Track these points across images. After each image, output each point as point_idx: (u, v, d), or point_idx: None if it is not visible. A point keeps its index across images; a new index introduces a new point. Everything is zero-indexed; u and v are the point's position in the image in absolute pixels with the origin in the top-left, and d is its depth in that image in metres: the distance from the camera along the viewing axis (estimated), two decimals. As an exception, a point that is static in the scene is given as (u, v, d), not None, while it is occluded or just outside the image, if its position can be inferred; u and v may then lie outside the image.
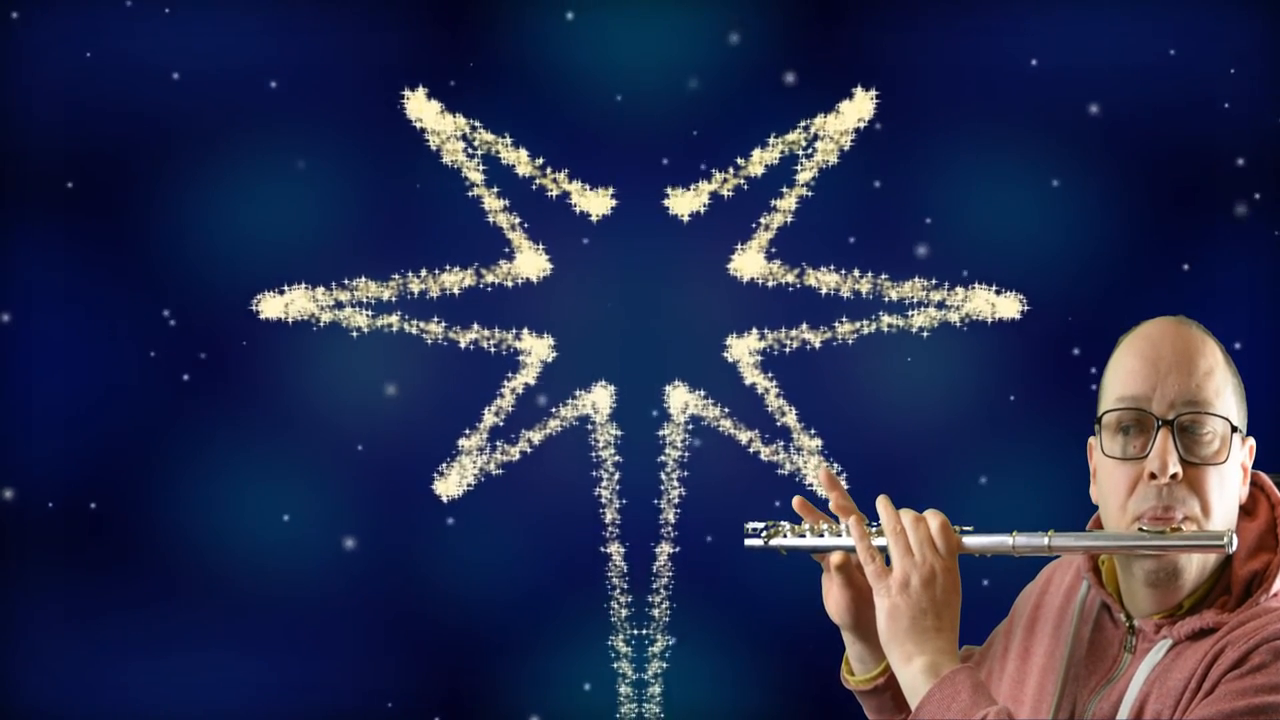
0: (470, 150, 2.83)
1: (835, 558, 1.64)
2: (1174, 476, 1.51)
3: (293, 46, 2.91)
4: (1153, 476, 1.51)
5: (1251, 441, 1.58)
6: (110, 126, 2.96)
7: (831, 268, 2.83)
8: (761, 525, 1.67)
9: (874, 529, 1.58)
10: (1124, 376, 1.55)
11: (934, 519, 1.55)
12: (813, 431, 2.85)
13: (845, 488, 1.66)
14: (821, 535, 1.63)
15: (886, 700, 1.67)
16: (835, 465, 2.88)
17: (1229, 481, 1.53)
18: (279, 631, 2.98)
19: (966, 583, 1.52)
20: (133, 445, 3.00)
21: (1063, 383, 2.85)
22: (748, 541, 1.69)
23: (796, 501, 1.66)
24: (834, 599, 1.65)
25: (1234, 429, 1.54)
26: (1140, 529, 1.51)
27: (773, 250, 2.83)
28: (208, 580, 2.99)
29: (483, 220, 2.82)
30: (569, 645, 2.91)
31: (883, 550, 1.56)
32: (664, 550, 2.85)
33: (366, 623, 2.97)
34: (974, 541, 1.55)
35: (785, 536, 1.65)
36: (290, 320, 2.85)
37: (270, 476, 2.98)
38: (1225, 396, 1.53)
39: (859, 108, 2.77)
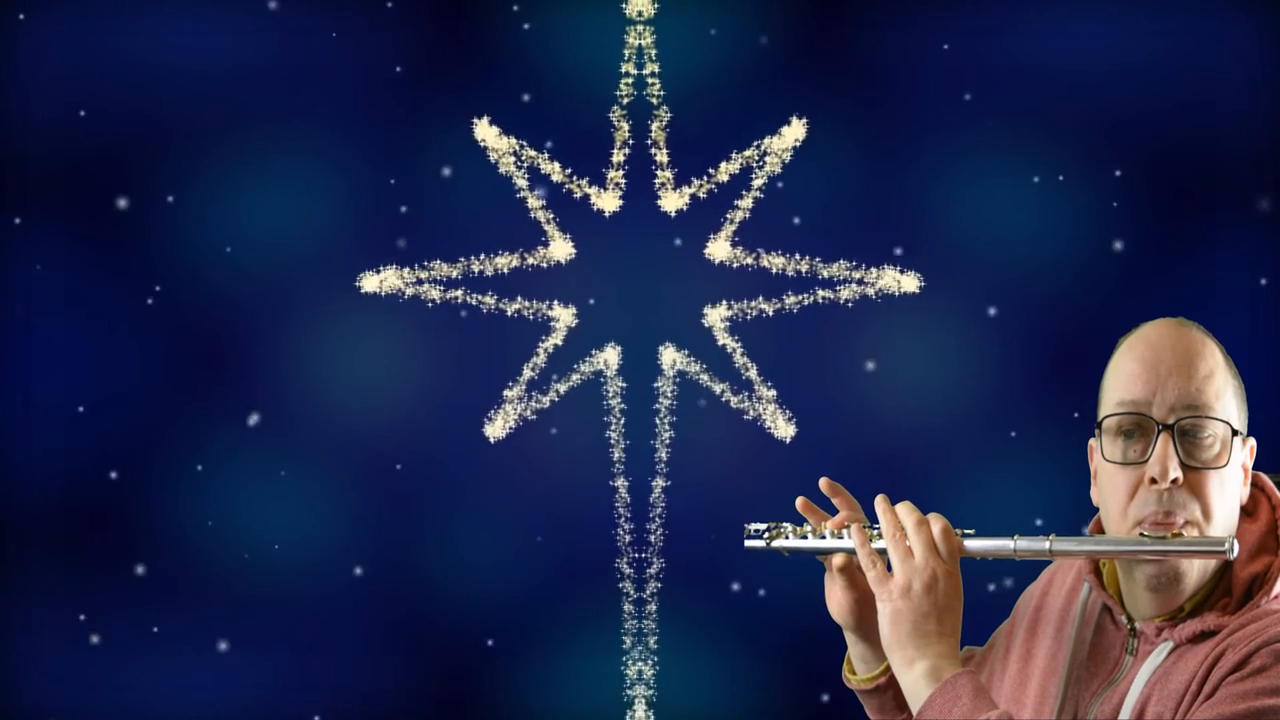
0: (519, 163, 3.01)
1: (837, 560, 1.53)
2: (1175, 481, 1.40)
3: (376, 74, 2.97)
4: (1153, 481, 1.40)
5: (1252, 442, 1.47)
6: (116, 126, 2.93)
7: (779, 252, 3.00)
8: (763, 526, 1.56)
9: (875, 531, 1.48)
10: (1124, 380, 1.44)
11: (935, 523, 1.43)
12: (769, 384, 3.01)
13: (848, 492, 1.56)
14: (823, 537, 1.52)
15: (888, 700, 1.58)
16: (787, 411, 2.98)
17: (1230, 485, 1.43)
18: (279, 631, 2.94)
19: (967, 585, 1.43)
20: (133, 445, 2.95)
21: (949, 344, 2.98)
22: (748, 543, 1.57)
23: (800, 502, 1.56)
24: (836, 600, 1.55)
25: (1235, 432, 1.43)
26: (1141, 534, 1.41)
27: (736, 239, 3.01)
28: (208, 580, 2.94)
29: (526, 216, 3.01)
30: (582, 569, 3.01)
31: (884, 554, 1.45)
32: (658, 485, 3.01)
33: (367, 622, 2.96)
34: (975, 545, 1.44)
35: (787, 538, 1.54)
36: (383, 293, 3.00)
37: (271, 473, 2.97)
38: (1226, 399, 1.43)
39: (794, 131, 2.98)
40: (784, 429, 3.02)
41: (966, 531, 1.45)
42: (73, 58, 2.94)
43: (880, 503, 1.47)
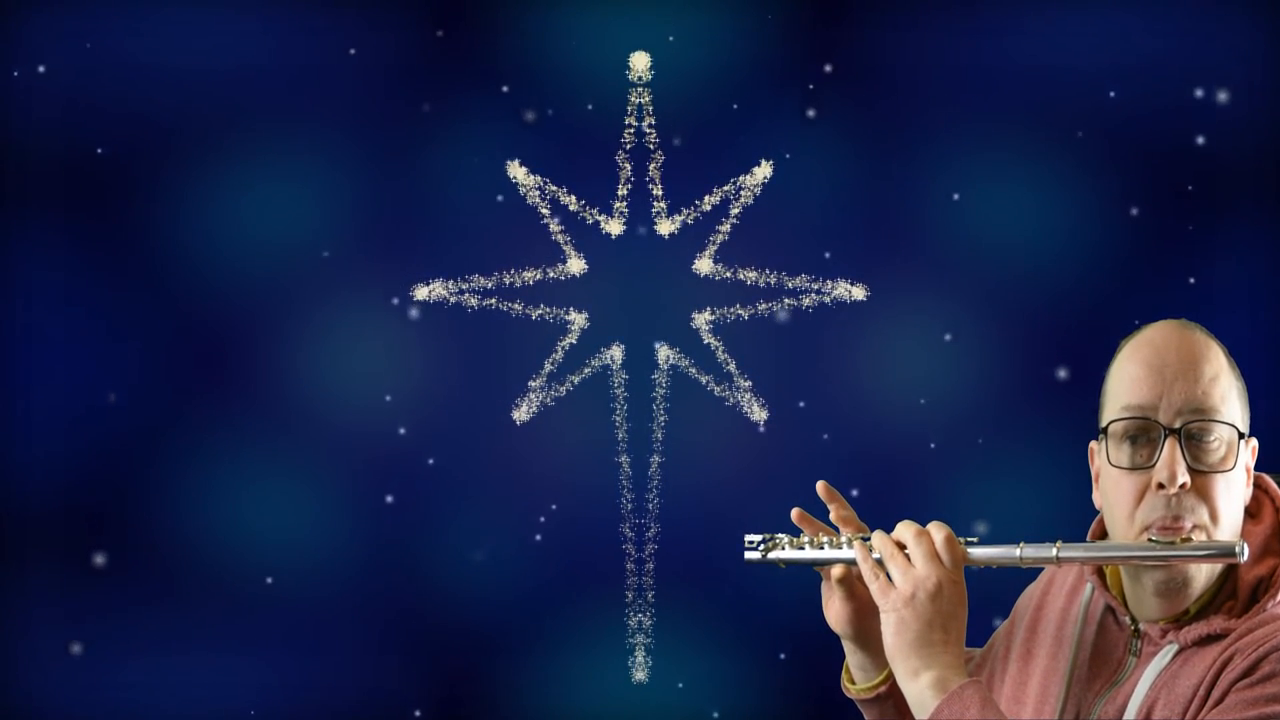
0: (543, 195, 3.21)
1: (836, 571, 1.46)
2: (1183, 486, 1.34)
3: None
4: (1161, 486, 1.34)
5: (1254, 442, 1.41)
6: (116, 126, 2.94)
7: (753, 267, 3.21)
8: (759, 538, 1.48)
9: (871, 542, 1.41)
10: (1129, 384, 1.37)
11: (938, 532, 1.37)
12: (746, 376, 3.22)
13: (845, 499, 1.50)
14: (821, 548, 1.45)
15: (889, 708, 1.50)
16: (761, 399, 3.17)
17: (1236, 487, 1.38)
18: (279, 631, 2.96)
19: (971, 591, 1.38)
20: (133, 445, 2.94)
21: (900, 345, 3.17)
22: (747, 555, 1.49)
23: (795, 513, 1.49)
24: (835, 610, 1.48)
25: (1240, 435, 1.37)
26: (1150, 539, 1.34)
27: (718, 257, 3.23)
28: (208, 580, 2.93)
29: (549, 238, 3.22)
30: (590, 532, 3.18)
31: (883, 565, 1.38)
32: (655, 460, 3.23)
33: (366, 622, 3.01)
34: (980, 553, 1.38)
35: (784, 549, 1.47)
36: (431, 301, 3.18)
37: (272, 473, 3.02)
38: (1231, 402, 1.37)
39: (763, 170, 3.23)
40: (758, 414, 3.25)
41: (970, 540, 1.39)
42: (73, 58, 2.90)
43: (878, 534, 1.41)
